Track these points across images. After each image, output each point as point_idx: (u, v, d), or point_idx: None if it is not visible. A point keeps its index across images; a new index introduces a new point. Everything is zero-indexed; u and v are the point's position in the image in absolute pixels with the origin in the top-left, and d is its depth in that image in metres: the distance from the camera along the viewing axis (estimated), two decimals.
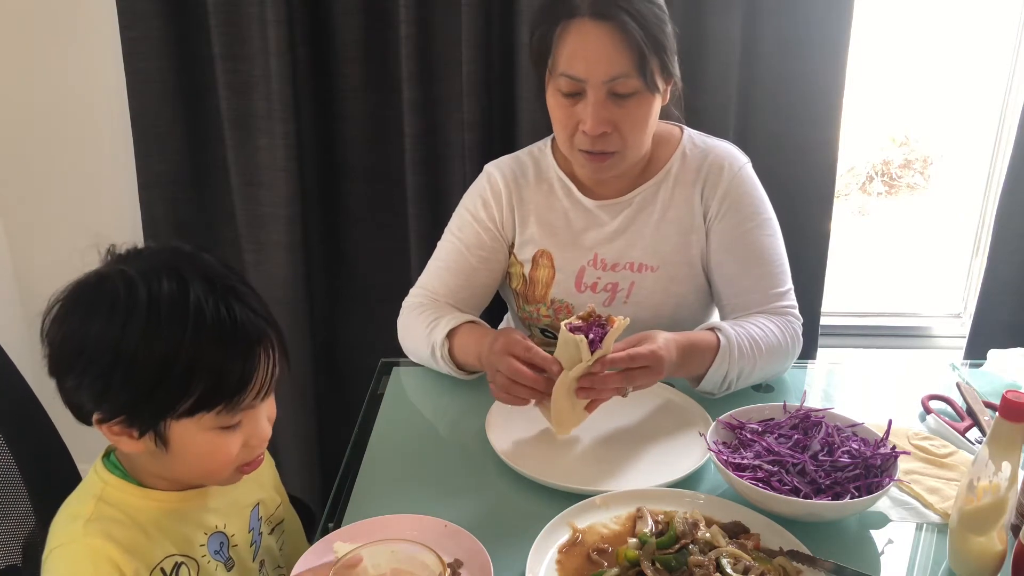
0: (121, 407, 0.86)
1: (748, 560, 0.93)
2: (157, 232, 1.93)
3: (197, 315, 0.85)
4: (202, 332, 0.85)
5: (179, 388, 0.85)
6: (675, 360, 1.21)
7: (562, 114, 1.33)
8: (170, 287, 0.86)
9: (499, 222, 1.47)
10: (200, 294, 0.86)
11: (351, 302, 2.04)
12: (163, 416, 0.87)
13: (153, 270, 0.87)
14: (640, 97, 1.29)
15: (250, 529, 1.05)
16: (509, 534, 1.02)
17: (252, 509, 1.06)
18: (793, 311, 1.39)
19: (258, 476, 1.06)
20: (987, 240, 1.96)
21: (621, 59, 1.25)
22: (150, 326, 0.84)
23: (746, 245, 1.40)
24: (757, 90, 1.81)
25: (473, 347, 1.32)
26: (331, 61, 1.84)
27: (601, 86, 1.27)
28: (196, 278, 0.87)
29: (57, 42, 1.91)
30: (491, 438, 1.21)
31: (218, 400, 0.87)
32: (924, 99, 3.92)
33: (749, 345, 1.28)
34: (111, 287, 0.86)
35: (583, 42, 1.26)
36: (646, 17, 1.26)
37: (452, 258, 1.47)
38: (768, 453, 1.09)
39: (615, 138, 1.32)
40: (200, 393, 0.85)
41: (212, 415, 0.88)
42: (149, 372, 0.84)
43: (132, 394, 0.85)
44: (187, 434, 0.89)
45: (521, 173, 1.48)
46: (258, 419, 0.93)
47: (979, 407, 1.27)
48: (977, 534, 0.93)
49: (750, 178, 1.43)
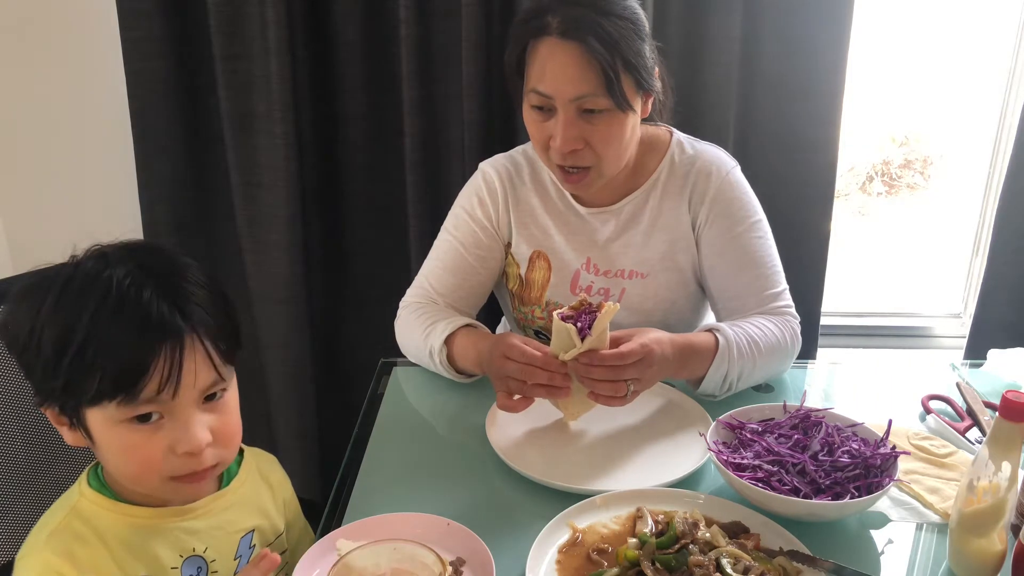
0: (44, 390, 0.86)
1: (748, 560, 0.93)
2: (157, 232, 1.92)
3: (104, 293, 0.83)
4: (103, 310, 0.83)
5: (79, 367, 0.83)
6: (670, 357, 1.21)
7: (535, 129, 1.33)
8: (92, 267, 0.86)
9: (495, 221, 1.47)
10: (118, 277, 0.84)
11: (351, 302, 2.05)
12: (77, 401, 0.85)
13: (88, 257, 0.87)
14: (610, 115, 1.28)
15: (236, 556, 0.99)
16: (509, 534, 1.02)
17: (244, 535, 1.00)
18: (790, 310, 1.39)
19: (259, 500, 1.03)
20: (987, 240, 1.96)
21: (587, 79, 1.25)
22: (59, 301, 0.84)
23: (737, 249, 1.40)
24: (757, 90, 1.81)
25: (472, 353, 1.32)
26: (331, 61, 1.84)
27: (569, 104, 1.27)
28: (125, 264, 0.86)
29: (57, 42, 1.91)
30: (491, 438, 1.21)
31: (114, 389, 0.83)
32: (924, 99, 3.92)
33: (748, 345, 1.28)
34: (42, 273, 0.88)
35: (551, 60, 1.26)
36: (613, 37, 1.24)
37: (449, 257, 1.47)
38: (768, 453, 1.09)
39: (587, 154, 1.31)
40: (98, 379, 0.83)
41: (114, 405, 0.84)
42: (52, 346, 0.83)
43: (43, 372, 0.85)
44: (101, 425, 0.86)
45: (516, 173, 1.48)
46: (185, 423, 0.87)
47: (979, 407, 1.27)
48: (977, 534, 0.93)
49: (738, 182, 1.43)
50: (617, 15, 1.26)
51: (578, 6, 1.26)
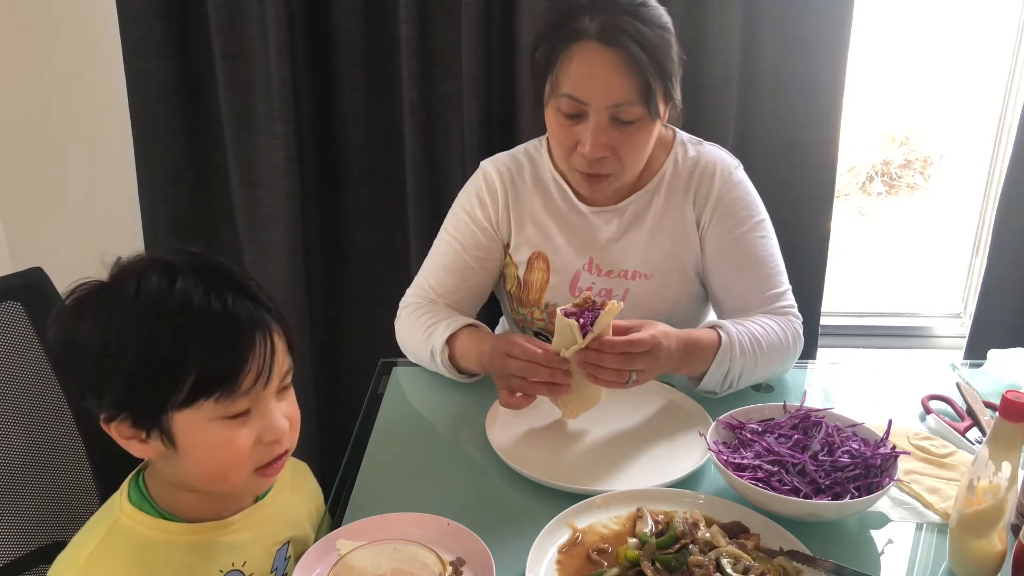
0: (119, 403, 0.86)
1: (748, 560, 0.93)
2: (157, 232, 1.93)
3: (183, 303, 0.84)
4: (187, 319, 0.84)
5: (168, 376, 0.84)
6: (675, 352, 1.22)
7: (561, 133, 1.32)
8: (159, 280, 0.86)
9: (495, 222, 1.47)
10: (188, 285, 0.85)
11: (351, 302, 2.05)
12: (162, 409, 0.85)
13: (146, 268, 0.87)
14: (641, 124, 1.28)
15: (273, 568, 1.01)
16: (509, 534, 1.02)
17: (281, 547, 1.02)
18: (792, 310, 1.39)
19: (294, 511, 1.05)
20: (987, 240, 1.96)
21: (626, 86, 1.24)
22: (134, 316, 0.84)
23: (740, 249, 1.40)
24: (757, 90, 1.81)
25: (474, 353, 1.32)
26: (331, 61, 1.84)
27: (603, 111, 1.26)
28: (187, 272, 0.87)
29: (57, 42, 1.91)
30: (491, 438, 1.21)
31: (213, 386, 0.85)
32: (924, 99, 3.92)
33: (750, 342, 1.28)
34: (101, 285, 0.87)
35: (588, 66, 1.25)
36: (653, 44, 1.24)
37: (449, 258, 1.46)
38: (768, 453, 1.09)
39: (612, 161, 1.31)
40: (193, 380, 0.84)
41: (211, 402, 0.85)
42: (134, 361, 0.83)
43: (124, 387, 0.84)
44: (192, 426, 0.87)
45: (517, 172, 1.47)
46: (270, 411, 0.90)
47: (979, 407, 1.27)
48: (977, 534, 0.93)
49: (741, 182, 1.43)
50: (656, 23, 1.26)
51: (618, 12, 1.24)
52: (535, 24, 1.71)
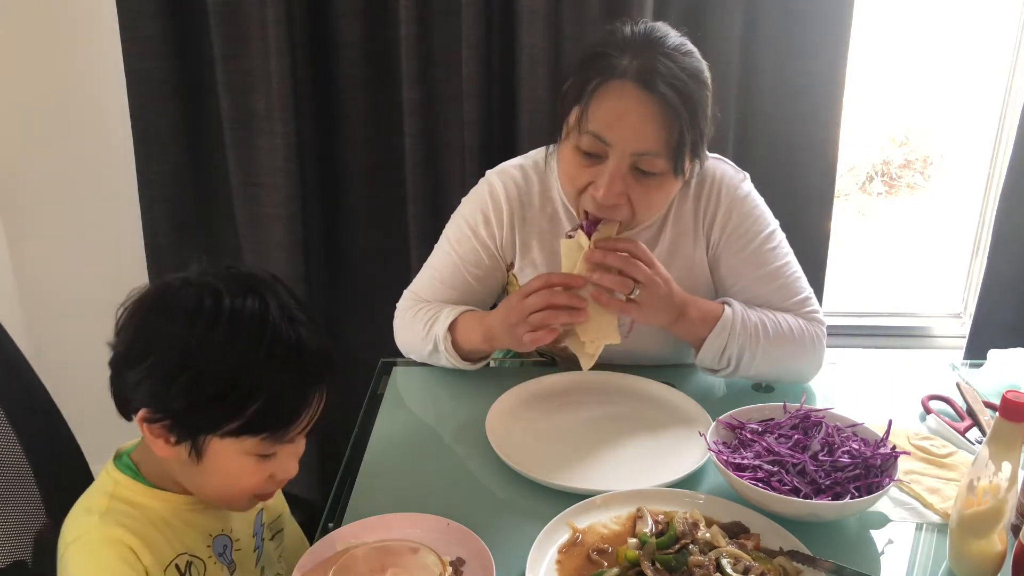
0: (172, 411, 0.87)
1: (748, 560, 0.93)
2: (157, 232, 1.93)
3: (274, 336, 0.86)
4: (274, 354, 0.86)
5: (236, 405, 0.86)
6: (675, 297, 1.24)
7: (575, 172, 1.23)
8: (252, 304, 0.87)
9: (499, 241, 1.40)
10: (276, 317, 0.87)
11: (351, 302, 2.04)
12: (208, 431, 0.87)
13: (237, 286, 0.88)
14: (663, 179, 1.20)
15: (254, 534, 1.05)
16: (509, 534, 1.02)
17: (257, 514, 1.07)
18: (816, 315, 1.35)
19: None
20: (987, 240, 1.96)
21: (656, 136, 1.16)
22: (228, 337, 0.85)
23: (755, 266, 1.35)
24: (757, 90, 1.81)
25: (479, 328, 1.31)
26: (331, 61, 1.84)
27: (626, 157, 1.17)
28: (274, 301, 0.88)
29: (57, 42, 1.91)
30: (491, 438, 1.20)
31: (267, 426, 0.88)
32: (924, 99, 3.92)
33: (754, 324, 1.28)
34: (195, 293, 0.87)
35: (619, 106, 1.16)
36: (693, 98, 1.16)
37: (448, 272, 1.42)
38: (768, 453, 1.09)
39: (624, 210, 1.22)
40: (251, 415, 0.86)
41: (256, 440, 0.89)
42: (214, 382, 0.85)
43: (189, 402, 0.86)
44: (224, 453, 0.89)
45: (525, 190, 1.39)
46: (291, 455, 0.94)
47: (979, 407, 1.27)
48: (977, 534, 0.93)
49: (748, 196, 1.37)
50: (698, 77, 1.19)
51: (661, 55, 1.16)
52: (535, 24, 1.71)
